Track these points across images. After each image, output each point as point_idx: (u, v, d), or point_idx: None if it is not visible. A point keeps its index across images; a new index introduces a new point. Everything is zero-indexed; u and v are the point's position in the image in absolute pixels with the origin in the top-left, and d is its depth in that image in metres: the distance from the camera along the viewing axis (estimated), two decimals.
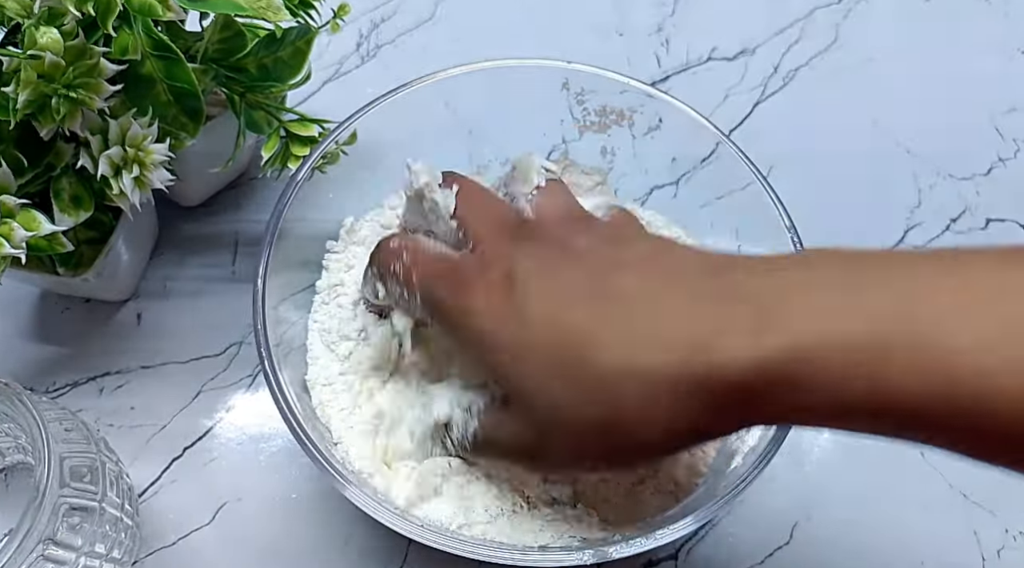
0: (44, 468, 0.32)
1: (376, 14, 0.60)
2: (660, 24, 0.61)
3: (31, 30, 0.32)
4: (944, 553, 0.42)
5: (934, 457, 0.45)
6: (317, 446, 0.33)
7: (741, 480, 0.34)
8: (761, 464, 0.34)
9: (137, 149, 0.36)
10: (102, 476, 0.35)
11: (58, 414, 0.35)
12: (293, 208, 0.39)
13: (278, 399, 0.34)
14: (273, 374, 0.35)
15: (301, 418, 0.34)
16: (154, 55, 0.36)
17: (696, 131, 0.44)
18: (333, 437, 0.38)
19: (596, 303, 0.30)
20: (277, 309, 0.38)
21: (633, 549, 0.33)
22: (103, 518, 0.35)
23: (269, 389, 0.35)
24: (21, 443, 0.40)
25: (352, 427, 0.38)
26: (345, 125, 0.41)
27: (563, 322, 0.30)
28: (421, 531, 0.32)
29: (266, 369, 0.35)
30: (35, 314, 0.46)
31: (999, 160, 0.56)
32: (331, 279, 0.42)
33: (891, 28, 0.62)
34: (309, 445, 0.33)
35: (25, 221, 0.34)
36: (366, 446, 0.38)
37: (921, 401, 0.25)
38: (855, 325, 0.26)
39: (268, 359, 0.35)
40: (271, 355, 0.35)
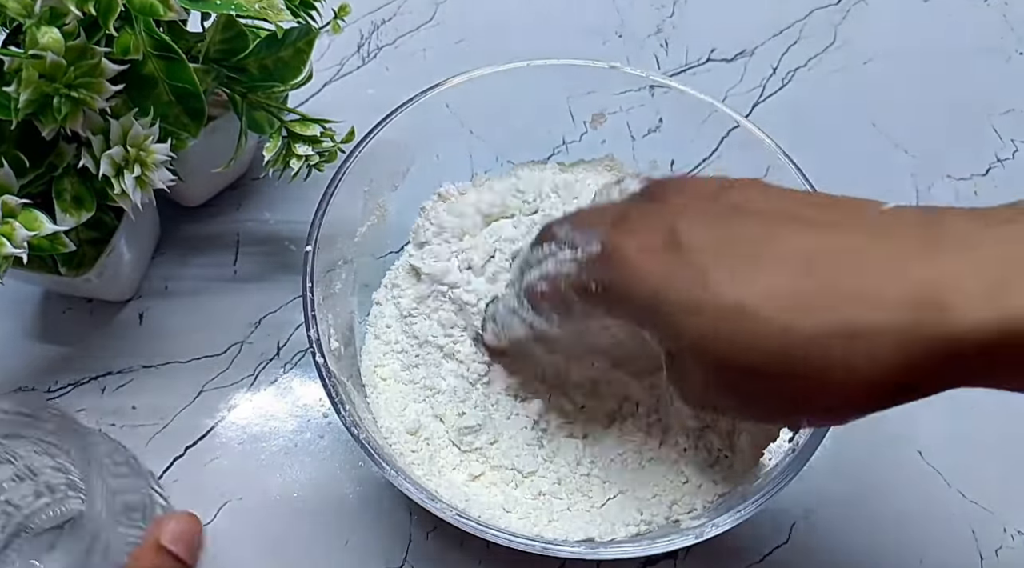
0: (98, 509, 0.31)
1: (377, 15, 0.60)
2: (659, 25, 0.61)
3: (32, 30, 0.32)
4: (943, 552, 0.42)
5: (933, 456, 0.45)
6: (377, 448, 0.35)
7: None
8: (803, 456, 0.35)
9: (139, 149, 0.36)
10: (151, 512, 0.35)
11: (108, 447, 0.34)
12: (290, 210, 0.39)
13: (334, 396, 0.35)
14: (325, 366, 0.36)
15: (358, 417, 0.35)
16: (156, 55, 0.36)
17: (696, 131, 0.44)
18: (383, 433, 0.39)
19: (785, 260, 0.28)
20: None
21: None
22: None
23: (323, 382, 0.35)
24: (72, 478, 0.38)
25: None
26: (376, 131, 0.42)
27: (748, 281, 0.28)
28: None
29: (317, 361, 0.36)
30: (37, 314, 0.47)
31: (997, 160, 0.56)
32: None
33: (889, 29, 0.62)
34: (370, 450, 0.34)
35: (27, 221, 0.34)
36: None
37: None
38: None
39: (319, 351, 0.36)
40: (321, 348, 0.36)
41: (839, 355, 0.27)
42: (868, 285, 0.27)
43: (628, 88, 0.45)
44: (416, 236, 0.43)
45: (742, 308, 0.28)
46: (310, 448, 0.44)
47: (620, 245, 0.31)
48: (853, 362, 0.27)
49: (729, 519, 0.34)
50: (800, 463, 0.35)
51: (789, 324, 0.27)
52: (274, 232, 0.50)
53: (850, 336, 0.26)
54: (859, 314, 0.26)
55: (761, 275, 0.28)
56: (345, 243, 0.42)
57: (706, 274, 0.29)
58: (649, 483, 0.38)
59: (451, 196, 0.44)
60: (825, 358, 0.27)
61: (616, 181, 0.37)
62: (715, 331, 0.28)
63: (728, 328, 0.28)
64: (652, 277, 0.30)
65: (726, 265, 0.29)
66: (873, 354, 0.26)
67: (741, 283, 0.28)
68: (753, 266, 0.28)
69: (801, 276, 0.28)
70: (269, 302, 0.48)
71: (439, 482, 0.38)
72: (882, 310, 0.26)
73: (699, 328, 0.29)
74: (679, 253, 0.29)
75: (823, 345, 0.27)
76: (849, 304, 0.27)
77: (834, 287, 0.27)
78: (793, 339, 0.27)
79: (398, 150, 0.43)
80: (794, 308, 0.27)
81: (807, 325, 0.27)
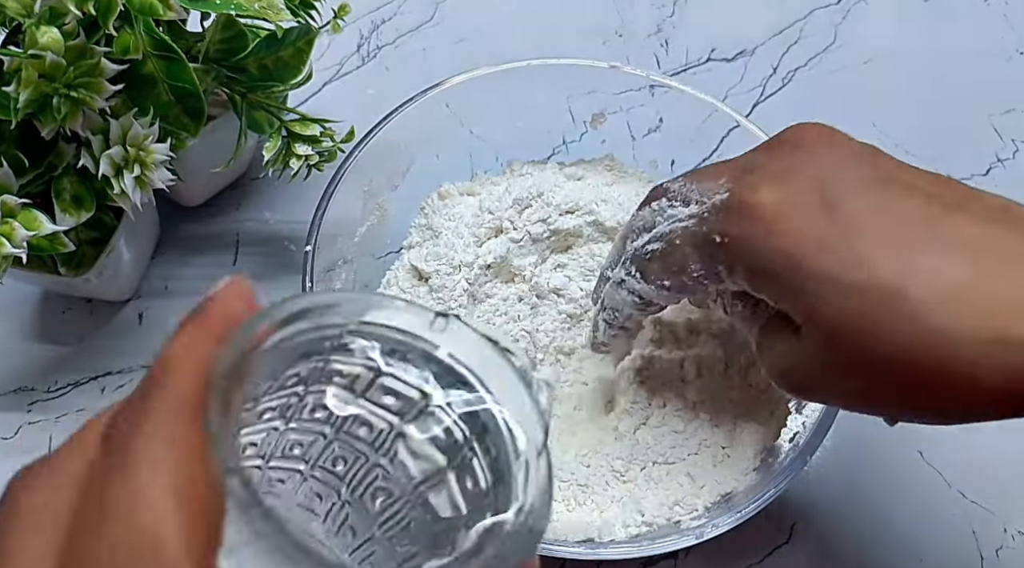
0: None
1: (377, 15, 0.60)
2: (659, 25, 0.61)
3: (32, 29, 0.32)
4: (943, 552, 0.42)
5: (933, 456, 0.45)
6: None
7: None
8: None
9: (138, 149, 0.36)
10: None
11: None
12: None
13: None
14: None
15: None
16: (155, 55, 0.36)
17: (696, 131, 0.44)
18: None
19: (948, 248, 0.26)
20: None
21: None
22: None
23: None
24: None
25: None
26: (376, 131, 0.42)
27: (908, 263, 0.26)
28: None
29: None
30: (37, 314, 0.47)
31: (998, 160, 0.56)
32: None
33: (890, 29, 0.62)
34: None
35: (26, 221, 0.34)
36: None
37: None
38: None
39: None
40: None
41: (989, 362, 0.25)
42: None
43: (628, 88, 0.45)
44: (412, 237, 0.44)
45: (900, 294, 0.26)
46: None
47: (755, 193, 0.28)
48: (1004, 372, 0.25)
49: (729, 519, 0.34)
50: (801, 463, 0.35)
51: (945, 319, 0.25)
52: (274, 232, 0.50)
53: (1004, 345, 0.25)
54: (1018, 324, 0.25)
55: (925, 261, 0.26)
56: (345, 243, 0.42)
57: (865, 247, 0.26)
58: (650, 484, 0.38)
59: (451, 196, 0.44)
60: (975, 362, 0.25)
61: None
62: (863, 312, 0.26)
63: (879, 312, 0.26)
64: (794, 237, 0.27)
65: (888, 242, 0.27)
66: (1011, 369, 0.25)
67: (903, 266, 0.26)
68: (917, 249, 0.26)
69: (965, 270, 0.26)
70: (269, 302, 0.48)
71: None
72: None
73: (846, 305, 0.27)
74: (832, 216, 0.27)
75: (976, 349, 0.25)
76: (1009, 310, 0.25)
77: (995, 289, 0.26)
78: (947, 336, 0.25)
79: (398, 150, 0.43)
80: (953, 303, 0.26)
81: (965, 325, 0.25)
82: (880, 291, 0.26)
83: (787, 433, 0.37)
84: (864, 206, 0.27)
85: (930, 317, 0.25)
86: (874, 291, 0.26)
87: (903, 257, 0.26)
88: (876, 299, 0.26)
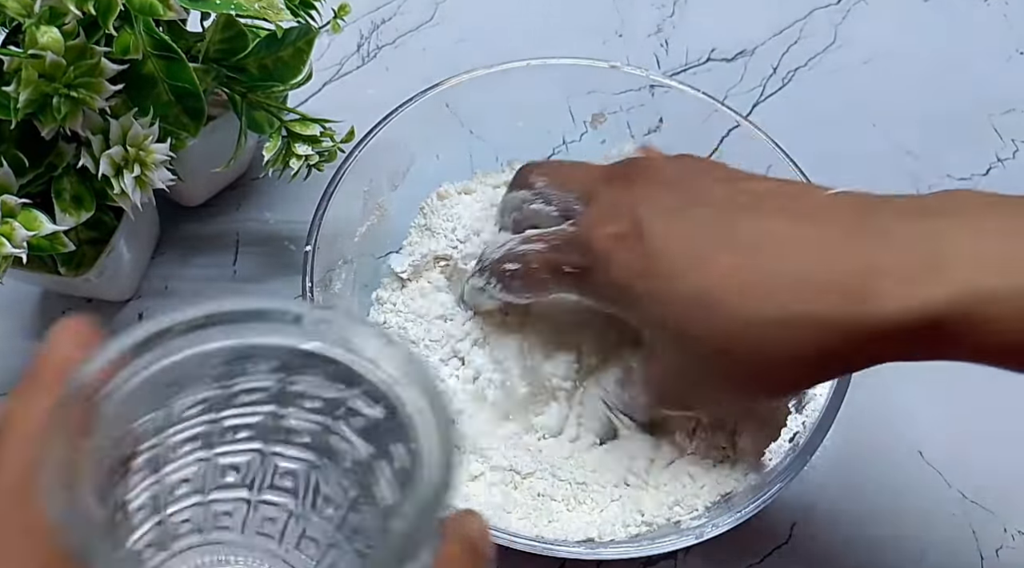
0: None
1: (377, 15, 0.60)
2: (659, 25, 0.61)
3: (32, 29, 0.32)
4: (943, 552, 0.42)
5: (933, 456, 0.45)
6: None
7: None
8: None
9: (138, 149, 0.36)
10: None
11: None
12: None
13: None
14: None
15: None
16: (155, 55, 0.36)
17: (696, 131, 0.44)
18: None
19: (739, 248, 0.31)
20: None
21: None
22: None
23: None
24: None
25: None
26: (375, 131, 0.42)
27: (706, 268, 0.31)
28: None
29: None
30: (36, 314, 0.47)
31: (998, 160, 0.56)
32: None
33: (890, 29, 0.62)
34: None
35: (26, 221, 0.34)
36: None
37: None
38: (1018, 279, 0.26)
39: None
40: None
41: (775, 339, 0.29)
42: (803, 272, 0.29)
43: (628, 88, 0.45)
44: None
45: (702, 295, 0.30)
46: None
47: (593, 231, 0.33)
48: (788, 346, 0.29)
49: (729, 519, 0.34)
50: (800, 463, 0.35)
51: (739, 308, 0.30)
52: (274, 232, 0.50)
53: (783, 323, 0.29)
54: (792, 303, 0.29)
55: (719, 262, 0.30)
56: (345, 243, 0.42)
57: (672, 264, 0.31)
58: (651, 484, 0.38)
59: (450, 196, 0.44)
60: (766, 341, 0.29)
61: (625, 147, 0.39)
62: (682, 317, 0.31)
63: (694, 314, 0.31)
64: (621, 265, 0.32)
65: (689, 255, 0.31)
66: (802, 340, 0.29)
67: (703, 271, 0.31)
68: (712, 254, 0.31)
69: (749, 262, 0.30)
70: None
71: None
72: (811, 299, 0.29)
73: (669, 314, 0.31)
74: (643, 243, 0.31)
75: (764, 329, 0.29)
76: (785, 291, 0.29)
77: (776, 273, 0.30)
78: (741, 322, 0.30)
79: (398, 150, 0.43)
80: (742, 294, 0.30)
81: (752, 310, 0.30)
82: (690, 297, 0.31)
83: (787, 433, 0.37)
84: (668, 229, 0.32)
85: (729, 308, 0.30)
86: (685, 298, 0.31)
87: (702, 264, 0.31)
88: (689, 304, 0.31)
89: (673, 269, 0.31)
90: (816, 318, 0.28)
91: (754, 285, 0.30)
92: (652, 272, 0.31)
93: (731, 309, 0.30)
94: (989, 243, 0.27)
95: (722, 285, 0.30)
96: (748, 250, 0.30)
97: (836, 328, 0.28)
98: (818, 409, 0.37)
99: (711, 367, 0.31)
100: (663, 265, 0.31)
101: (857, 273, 0.28)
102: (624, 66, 0.45)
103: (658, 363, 0.34)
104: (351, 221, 0.43)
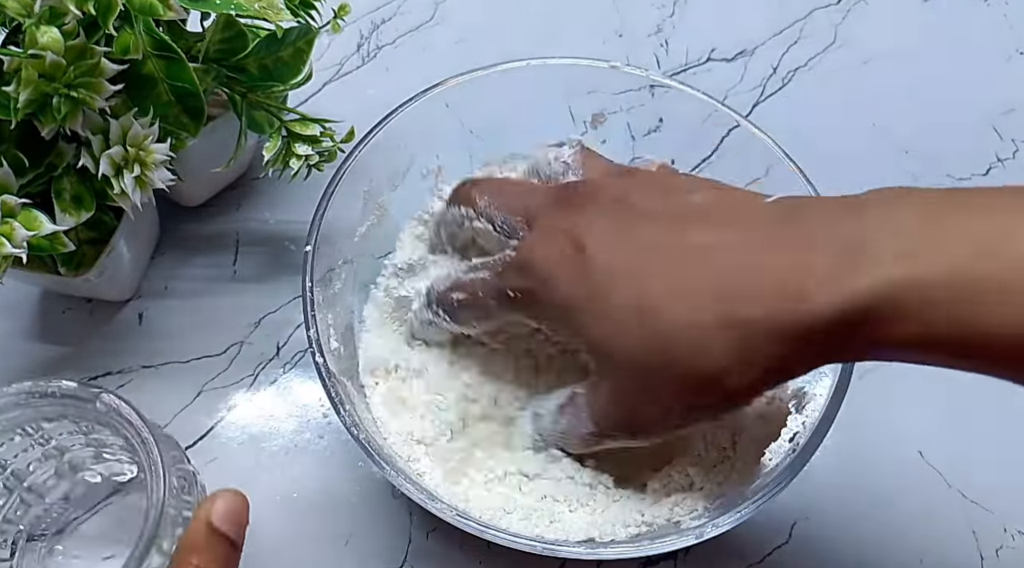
0: (157, 480, 0.31)
1: (377, 15, 0.60)
2: (659, 25, 0.61)
3: (32, 29, 0.32)
4: (943, 552, 0.42)
5: (933, 457, 0.45)
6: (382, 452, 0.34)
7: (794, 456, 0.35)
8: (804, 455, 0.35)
9: (138, 149, 0.36)
10: (193, 486, 0.35)
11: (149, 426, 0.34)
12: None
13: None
14: (325, 366, 0.36)
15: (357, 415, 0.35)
16: (155, 55, 0.36)
17: (696, 131, 0.44)
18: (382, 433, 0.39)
19: (674, 259, 0.31)
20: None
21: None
22: None
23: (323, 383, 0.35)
24: (105, 453, 0.39)
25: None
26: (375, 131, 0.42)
27: (644, 281, 0.31)
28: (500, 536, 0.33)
29: (317, 360, 0.36)
30: (36, 314, 0.47)
31: (997, 160, 0.56)
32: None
33: (890, 29, 0.62)
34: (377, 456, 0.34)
35: (26, 221, 0.34)
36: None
37: (1013, 341, 0.25)
38: (938, 268, 0.26)
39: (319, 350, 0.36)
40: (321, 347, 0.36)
41: (711, 344, 0.29)
42: (738, 276, 0.29)
43: (628, 88, 0.45)
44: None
45: (640, 306, 0.30)
46: (310, 448, 0.44)
47: (532, 253, 0.34)
48: (729, 352, 0.29)
49: (729, 519, 0.34)
50: (800, 463, 0.35)
51: (674, 315, 0.30)
52: (274, 232, 0.50)
53: (720, 325, 0.29)
54: (727, 306, 0.29)
55: (653, 275, 0.31)
56: (345, 243, 0.42)
57: (609, 280, 0.31)
58: (651, 484, 0.38)
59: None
60: (702, 347, 0.30)
61: (556, 144, 0.39)
62: (618, 332, 0.31)
63: (629, 327, 0.31)
64: (563, 286, 0.32)
65: (623, 270, 0.31)
66: (742, 344, 0.29)
67: (637, 284, 0.31)
68: (647, 268, 0.31)
69: (686, 272, 0.30)
70: (269, 302, 0.48)
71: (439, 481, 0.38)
72: (750, 303, 0.29)
73: (605, 330, 0.32)
74: (583, 261, 0.32)
75: (701, 334, 0.30)
76: (721, 296, 0.29)
77: (712, 279, 0.30)
78: (677, 330, 0.30)
79: (398, 150, 0.43)
80: (678, 300, 0.30)
81: (686, 316, 0.30)
82: (629, 308, 0.31)
83: (787, 433, 0.37)
84: (609, 248, 0.32)
85: (665, 315, 0.30)
86: (624, 310, 0.31)
87: (640, 278, 0.31)
88: (628, 316, 0.31)
89: (612, 285, 0.31)
90: (751, 319, 0.29)
91: (690, 292, 0.30)
92: (592, 291, 0.32)
93: (668, 316, 0.30)
94: (910, 233, 0.27)
95: (659, 294, 0.30)
96: (685, 260, 0.31)
97: (772, 329, 0.29)
98: (818, 409, 0.36)
99: (654, 382, 0.31)
100: (602, 283, 0.31)
101: (789, 273, 0.29)
102: (624, 66, 0.44)
103: (604, 386, 0.34)
104: (351, 221, 0.43)
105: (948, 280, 0.26)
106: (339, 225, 0.40)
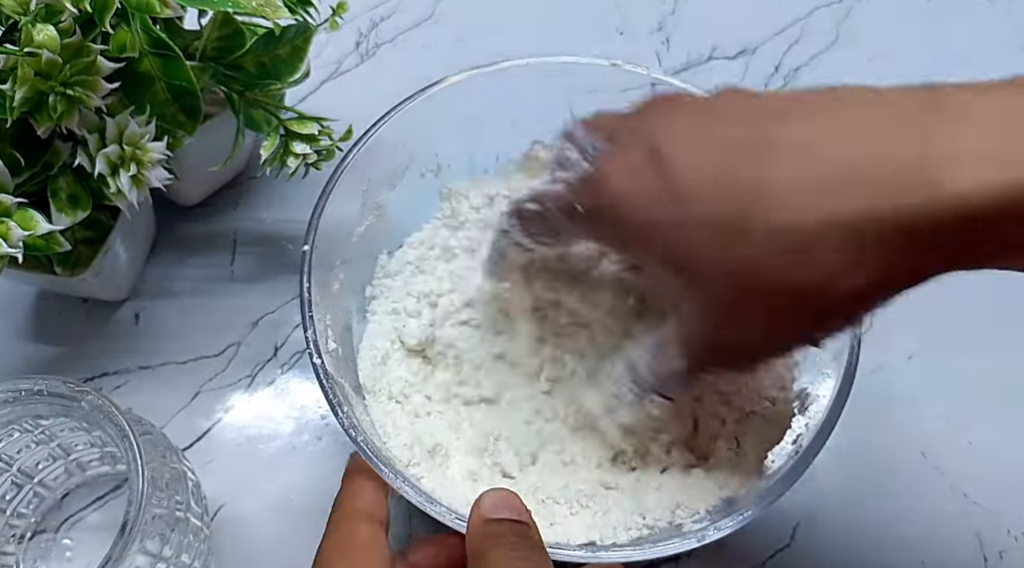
0: (137, 479, 0.31)
1: (375, 13, 0.60)
2: (661, 23, 0.61)
3: (28, 27, 0.32)
4: (946, 555, 0.42)
5: (936, 458, 0.45)
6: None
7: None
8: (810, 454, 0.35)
9: (135, 147, 0.36)
10: (184, 486, 0.35)
11: (136, 423, 0.34)
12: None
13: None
14: (322, 368, 0.35)
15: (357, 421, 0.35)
16: (152, 53, 0.36)
17: None
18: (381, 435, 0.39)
19: (763, 153, 0.27)
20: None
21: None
22: (188, 528, 0.35)
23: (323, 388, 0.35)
24: (108, 451, 0.40)
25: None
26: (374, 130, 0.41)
27: (728, 181, 0.27)
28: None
29: (316, 364, 0.35)
30: (33, 314, 0.46)
31: None
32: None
33: (892, 27, 0.62)
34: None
35: (22, 220, 0.34)
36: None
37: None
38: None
39: (317, 353, 0.36)
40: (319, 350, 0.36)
41: (825, 246, 0.26)
42: (855, 166, 0.26)
43: (629, 86, 0.45)
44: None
45: (735, 210, 0.27)
46: (308, 450, 0.43)
47: (605, 168, 0.31)
48: (841, 254, 0.26)
49: (731, 522, 0.33)
50: (803, 465, 0.35)
51: (777, 219, 0.26)
52: (271, 231, 0.50)
53: (831, 226, 0.26)
54: (843, 201, 0.26)
55: (746, 177, 0.27)
56: (343, 243, 0.42)
57: (694, 186, 0.28)
58: (653, 487, 0.37)
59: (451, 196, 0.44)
60: (809, 254, 0.26)
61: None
62: (708, 240, 0.28)
63: (721, 235, 0.27)
64: (641, 199, 0.29)
65: (710, 175, 0.28)
66: (857, 243, 0.26)
67: (729, 188, 0.27)
68: (738, 169, 0.27)
69: (785, 170, 0.27)
70: (266, 302, 0.47)
71: (438, 484, 0.38)
72: (864, 196, 0.25)
73: (693, 237, 0.28)
74: (662, 171, 0.29)
75: (809, 238, 0.26)
76: (834, 191, 0.26)
77: (819, 174, 0.26)
78: (788, 235, 0.26)
79: (397, 149, 0.43)
80: (783, 201, 0.26)
81: (791, 219, 0.26)
82: (712, 214, 0.27)
83: (790, 435, 0.37)
84: (690, 152, 0.28)
85: (757, 220, 0.26)
86: (707, 216, 0.27)
87: (731, 181, 0.27)
88: (711, 223, 0.27)
89: (699, 191, 0.28)
90: (863, 214, 0.25)
91: (791, 192, 0.26)
92: (675, 197, 0.28)
93: (762, 217, 0.26)
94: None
95: (752, 197, 0.27)
96: (773, 154, 0.27)
97: (889, 224, 0.25)
98: (821, 411, 0.36)
99: (749, 296, 0.28)
100: (686, 188, 0.28)
101: (924, 157, 0.25)
102: (625, 64, 0.44)
103: (692, 315, 0.30)
104: (349, 221, 0.42)
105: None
106: (337, 225, 0.40)
